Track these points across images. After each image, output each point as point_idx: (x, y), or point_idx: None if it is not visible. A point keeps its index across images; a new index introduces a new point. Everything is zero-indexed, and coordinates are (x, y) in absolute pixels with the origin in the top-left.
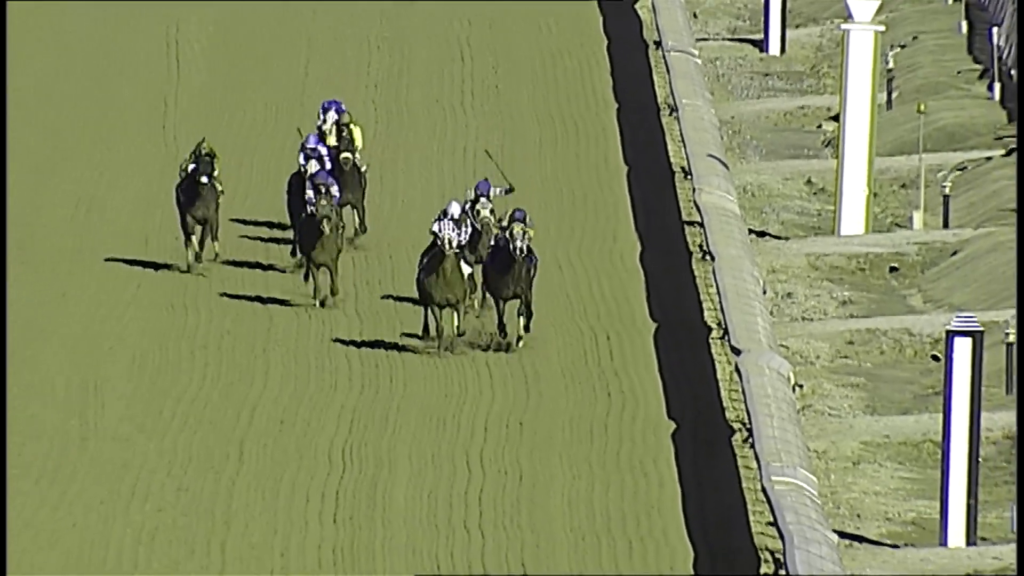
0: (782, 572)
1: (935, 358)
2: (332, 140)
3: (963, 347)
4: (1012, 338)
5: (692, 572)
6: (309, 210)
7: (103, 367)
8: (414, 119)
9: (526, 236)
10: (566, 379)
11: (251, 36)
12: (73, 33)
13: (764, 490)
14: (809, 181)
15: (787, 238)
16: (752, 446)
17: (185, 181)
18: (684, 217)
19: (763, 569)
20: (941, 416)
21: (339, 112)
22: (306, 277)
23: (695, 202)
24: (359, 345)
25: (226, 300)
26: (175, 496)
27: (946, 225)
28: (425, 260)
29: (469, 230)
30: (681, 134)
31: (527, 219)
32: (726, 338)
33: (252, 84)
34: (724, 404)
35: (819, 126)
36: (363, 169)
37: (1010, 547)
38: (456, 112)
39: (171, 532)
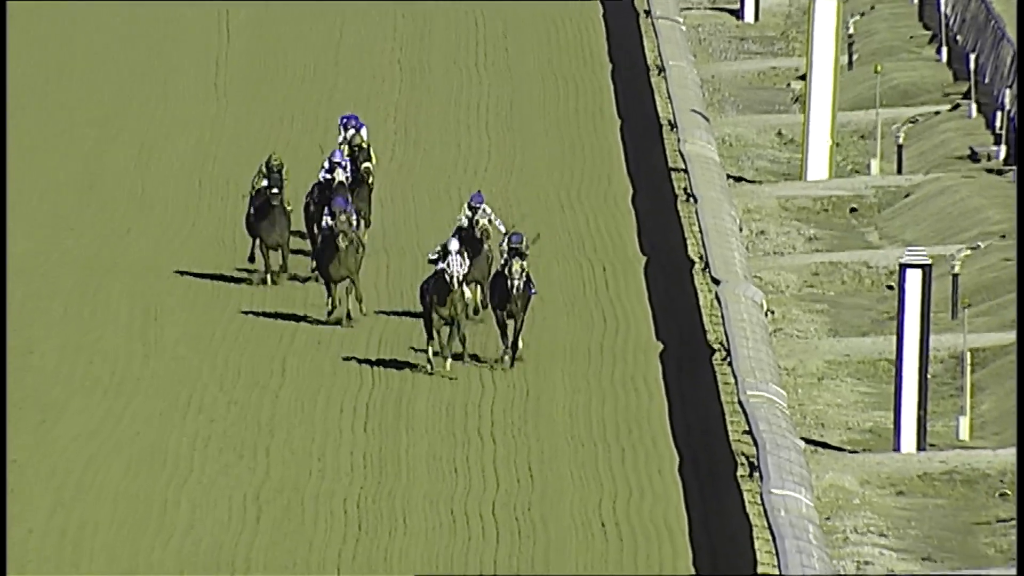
0: (756, 474)
1: (890, 287)
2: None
3: (914, 278)
4: (957, 269)
5: (688, 544)
6: (326, 230)
7: (162, 295)
8: (434, 77)
9: (523, 273)
10: (566, 306)
11: (293, 6)
12: (135, 5)
13: (740, 403)
14: (780, 133)
15: (760, 182)
16: (730, 364)
17: (257, 199)
18: (670, 164)
19: (739, 471)
20: (895, 338)
21: (357, 127)
22: (329, 294)
23: (680, 151)
24: (387, 275)
25: None
26: (225, 408)
27: (900, 171)
28: (430, 287)
29: (467, 263)
30: (668, 91)
31: (524, 242)
32: (707, 270)
33: (293, 47)
34: (705, 328)
35: (788, 85)
36: (371, 184)
37: (956, 453)
38: (471, 71)
39: (222, 440)
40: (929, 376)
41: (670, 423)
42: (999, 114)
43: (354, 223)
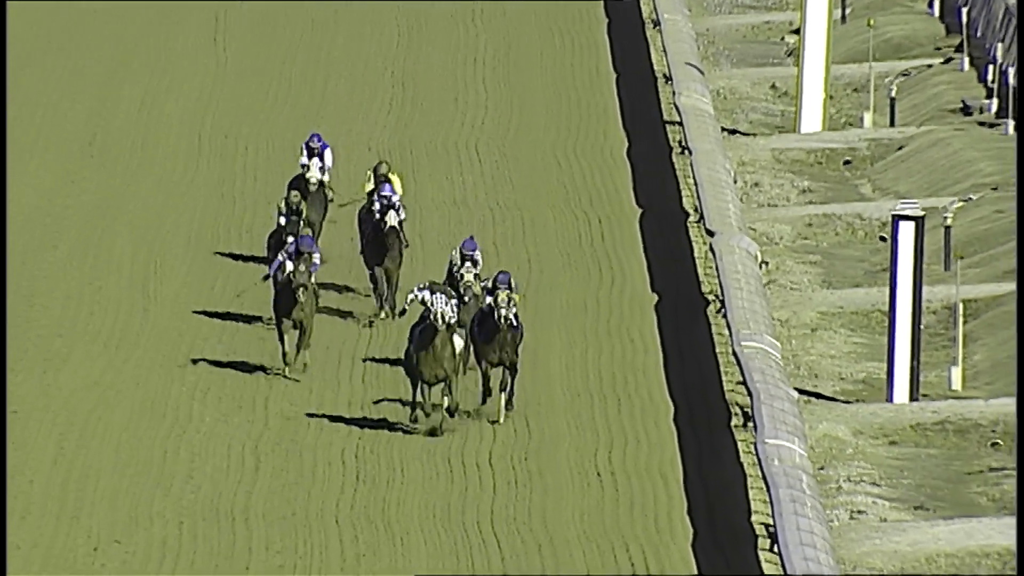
0: (750, 424)
1: (883, 239)
2: (369, 187)
3: (907, 229)
4: (950, 221)
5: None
6: (287, 274)
7: (163, 247)
8: (433, 30)
9: (512, 304)
10: (563, 258)
11: None
12: None
13: (735, 354)
14: (774, 86)
15: (755, 135)
16: (724, 316)
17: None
18: (665, 117)
19: (733, 422)
20: (888, 289)
21: (321, 151)
22: (281, 343)
23: (675, 104)
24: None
25: (272, 188)
26: (225, 359)
27: (892, 124)
28: (416, 333)
29: (457, 307)
30: (663, 45)
31: (513, 283)
32: (702, 222)
33: (292, 3)
34: (700, 279)
35: (782, 38)
36: (401, 216)
37: (948, 403)
38: (468, 26)
39: (221, 390)
40: (922, 327)
41: (665, 374)
42: (991, 67)
43: (316, 264)
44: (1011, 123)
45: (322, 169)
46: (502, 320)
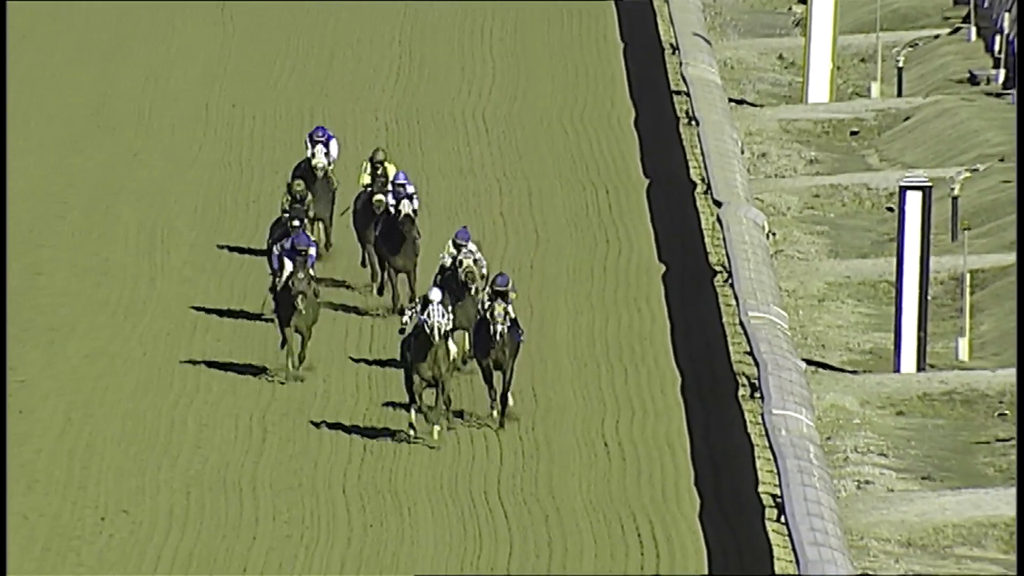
0: (757, 394)
1: (890, 209)
2: (366, 179)
3: (914, 200)
4: (957, 192)
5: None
6: (284, 278)
7: (169, 217)
8: (439, 2)
9: (507, 316)
10: (570, 228)
11: None
12: None
13: (742, 324)
14: (781, 56)
15: (762, 105)
16: (731, 286)
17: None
18: (672, 87)
19: (740, 392)
20: (895, 260)
21: (326, 140)
22: (282, 345)
23: (682, 74)
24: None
25: (278, 157)
26: (231, 329)
27: (900, 94)
28: (410, 344)
29: (451, 316)
30: (670, 15)
31: (511, 284)
32: (709, 192)
33: None
34: (707, 249)
35: (789, 8)
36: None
37: (955, 373)
38: None
39: (227, 358)
40: (929, 297)
41: (672, 344)
42: (998, 38)
43: (312, 271)
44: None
45: (327, 155)
46: (498, 336)
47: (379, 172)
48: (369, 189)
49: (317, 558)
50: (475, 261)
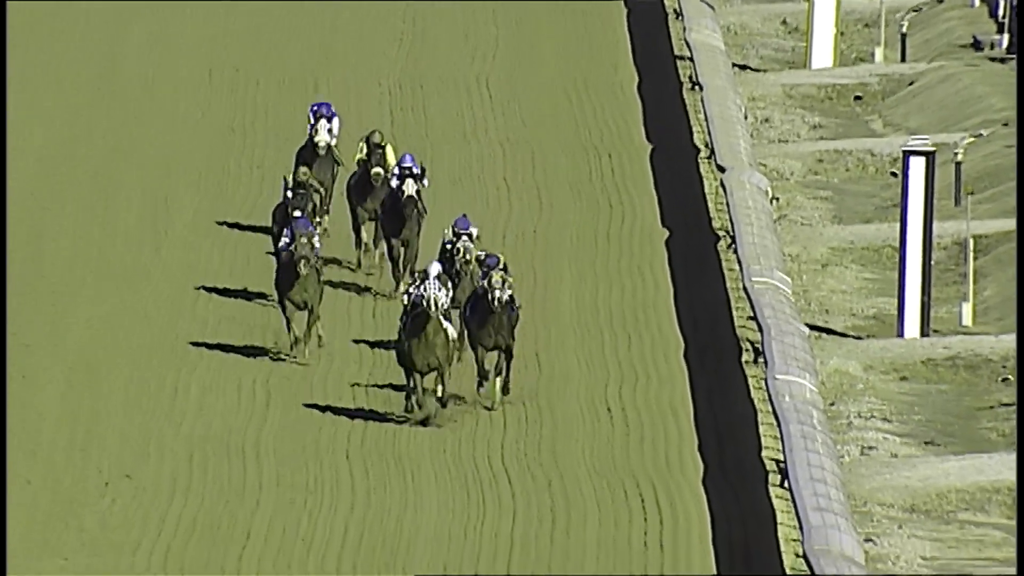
0: (761, 359)
1: (893, 174)
2: (361, 156)
3: (918, 165)
4: (960, 157)
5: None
6: (285, 253)
7: (172, 183)
8: None
9: (506, 285)
10: (573, 193)
11: None
12: None
13: (745, 289)
14: (784, 21)
15: (765, 71)
16: (735, 251)
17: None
18: (676, 52)
19: (744, 357)
20: (899, 225)
21: (330, 116)
22: (288, 327)
23: (685, 40)
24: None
25: (282, 122)
26: (234, 294)
27: (903, 59)
28: (407, 321)
29: (451, 292)
30: None
31: (505, 266)
32: (712, 157)
33: None
34: (711, 215)
35: None
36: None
37: (959, 338)
38: None
39: (231, 324)
40: (932, 263)
41: (676, 309)
42: (1002, 3)
43: (317, 247)
44: None
45: (330, 132)
46: (496, 302)
47: (378, 155)
48: (365, 163)
49: (320, 523)
50: (475, 256)
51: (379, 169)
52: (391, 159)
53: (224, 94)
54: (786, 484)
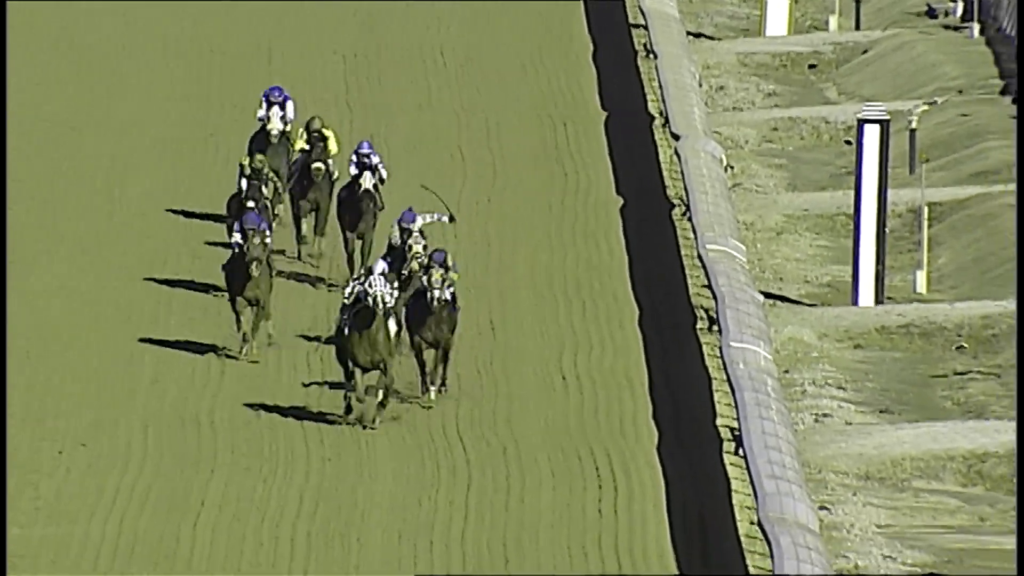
0: (715, 327)
1: (848, 142)
2: (302, 144)
3: (872, 133)
4: (915, 125)
5: (671, 545)
6: (236, 250)
7: (128, 150)
8: None
9: (446, 284)
10: (528, 162)
11: None
12: None
13: (700, 257)
14: None
15: (720, 39)
16: (689, 219)
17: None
18: (630, 20)
19: (699, 325)
20: (853, 192)
21: (282, 101)
22: (238, 327)
23: (640, 7)
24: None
25: (236, 94)
26: (190, 263)
27: (858, 27)
28: (348, 317)
29: (396, 291)
30: None
31: (449, 262)
32: (667, 125)
33: None
34: (665, 183)
35: None
36: (334, 177)
37: (913, 306)
38: None
39: (187, 295)
40: (887, 230)
41: (630, 277)
42: None
43: (269, 245)
44: (976, 27)
45: (283, 119)
46: (434, 302)
47: (319, 147)
48: (306, 153)
49: (275, 492)
50: (424, 247)
51: (319, 164)
52: (332, 148)
53: (180, 63)
54: (740, 452)
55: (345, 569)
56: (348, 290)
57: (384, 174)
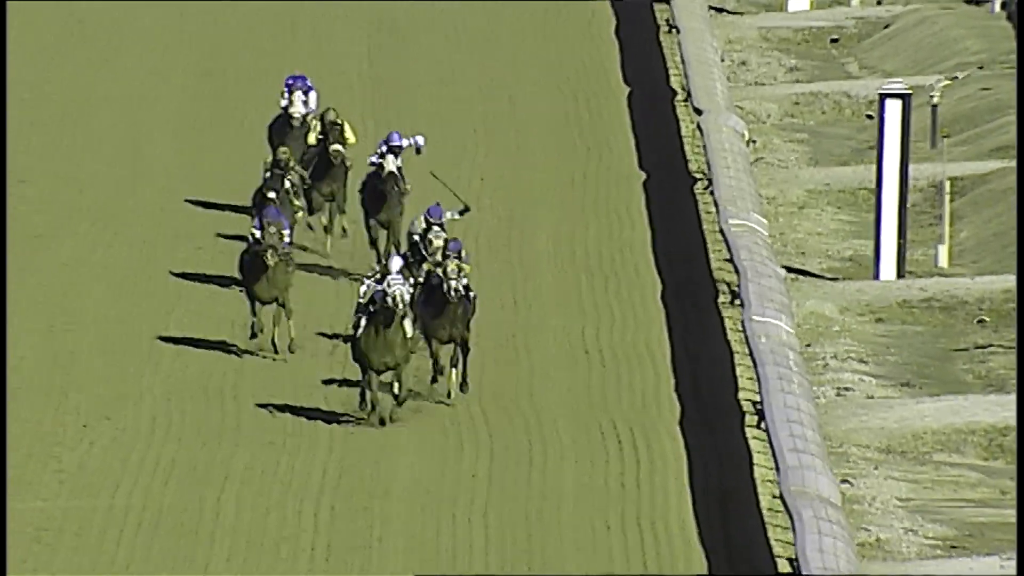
0: (737, 302)
1: (869, 117)
2: (312, 139)
3: (894, 107)
4: (936, 99)
5: (694, 520)
6: (253, 244)
7: (148, 123)
8: None
9: (462, 274)
10: (550, 138)
11: None
12: None
13: (722, 231)
14: None
15: (742, 13)
16: (712, 193)
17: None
18: None
19: (721, 299)
20: (875, 167)
21: (306, 90)
22: (252, 334)
23: None
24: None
25: (253, 68)
26: (212, 237)
27: (879, 2)
28: (363, 317)
29: (411, 287)
30: None
31: (463, 254)
32: (689, 100)
33: None
34: (687, 157)
35: None
36: (348, 165)
37: (934, 280)
38: None
39: (210, 267)
40: (908, 205)
41: (653, 251)
42: None
43: (286, 237)
44: (997, 1)
45: (305, 104)
46: (452, 292)
47: (336, 132)
48: (321, 141)
49: (299, 465)
50: (445, 241)
51: (338, 146)
52: (350, 136)
53: (194, 36)
54: (762, 425)
55: (368, 542)
56: (363, 288)
57: (421, 141)
